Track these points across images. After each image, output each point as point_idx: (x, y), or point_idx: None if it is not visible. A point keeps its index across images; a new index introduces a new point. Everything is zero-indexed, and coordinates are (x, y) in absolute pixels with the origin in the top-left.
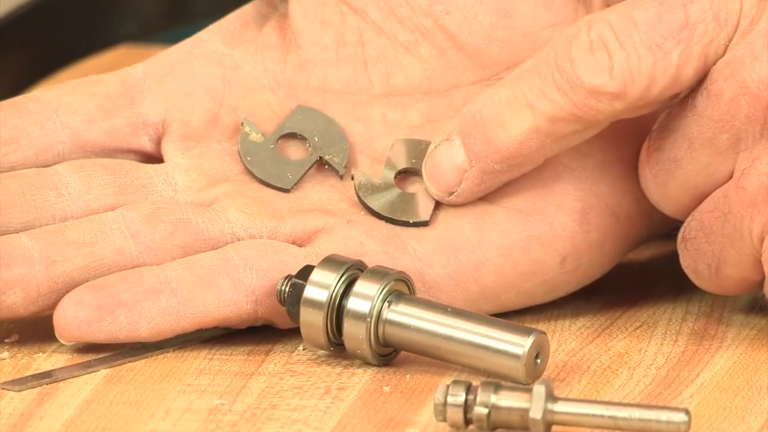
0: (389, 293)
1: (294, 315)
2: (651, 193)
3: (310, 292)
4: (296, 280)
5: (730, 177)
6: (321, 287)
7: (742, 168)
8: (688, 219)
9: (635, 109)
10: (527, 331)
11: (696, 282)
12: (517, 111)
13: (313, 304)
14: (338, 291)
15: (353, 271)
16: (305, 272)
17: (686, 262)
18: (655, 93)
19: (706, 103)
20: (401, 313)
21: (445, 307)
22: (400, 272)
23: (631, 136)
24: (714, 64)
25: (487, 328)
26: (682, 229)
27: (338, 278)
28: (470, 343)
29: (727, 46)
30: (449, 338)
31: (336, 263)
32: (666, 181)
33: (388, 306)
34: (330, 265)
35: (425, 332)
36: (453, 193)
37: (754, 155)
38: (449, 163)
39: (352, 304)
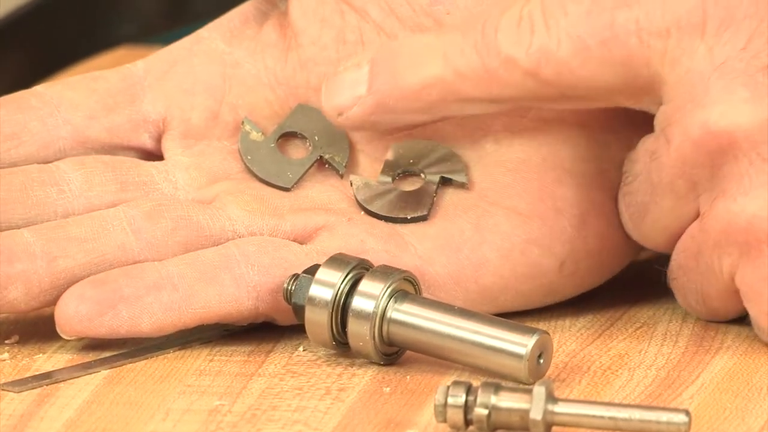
0: (394, 292)
1: (299, 310)
2: (631, 232)
3: (315, 290)
4: (304, 275)
5: (697, 217)
6: (326, 285)
7: (703, 210)
8: (671, 259)
9: (552, 99)
10: (530, 331)
11: (693, 313)
12: (431, 57)
13: (318, 302)
14: (343, 290)
15: (359, 270)
16: (313, 269)
17: (679, 297)
18: (571, 82)
19: (663, 148)
20: (405, 313)
21: (449, 306)
22: (406, 272)
23: (632, 143)
24: (638, 87)
25: (491, 328)
26: (668, 269)
27: (343, 277)
28: (473, 343)
29: (652, 72)
30: (452, 337)
31: (341, 262)
32: (639, 223)
33: (393, 305)
34: (335, 263)
35: (429, 331)
36: (342, 114)
37: (712, 197)
38: (350, 83)
39: (357, 302)
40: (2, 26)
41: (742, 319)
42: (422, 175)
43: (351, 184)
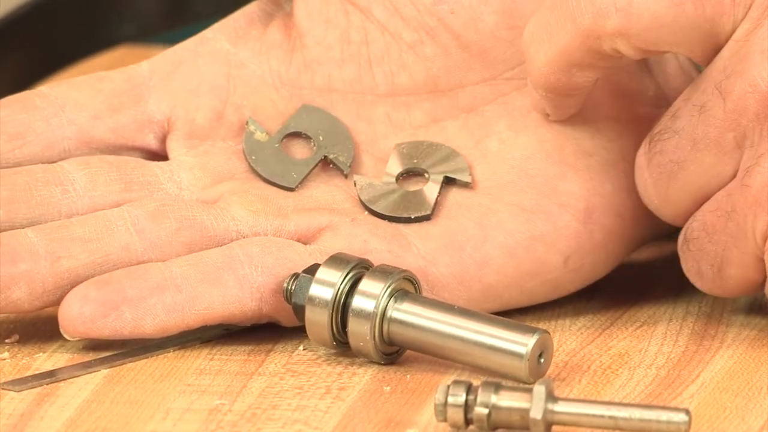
0: (394, 292)
1: (299, 310)
2: (651, 198)
3: (315, 290)
4: (304, 274)
5: (734, 177)
6: (326, 285)
7: (747, 166)
8: (690, 220)
9: (639, 49)
10: (531, 330)
11: (698, 284)
12: (538, 45)
13: (319, 302)
14: (343, 289)
15: (359, 269)
16: (313, 269)
17: (688, 264)
18: (657, 36)
19: (715, 101)
20: (405, 312)
21: (450, 306)
22: (406, 271)
23: (636, 136)
24: (718, 43)
25: (491, 327)
26: (683, 231)
27: (343, 276)
28: (474, 342)
29: (734, 29)
30: (453, 337)
31: (341, 261)
32: (668, 184)
33: (393, 304)
34: (335, 263)
35: (429, 331)
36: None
37: (759, 152)
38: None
39: (357, 302)
40: (2, 26)
41: (742, 318)
42: (426, 175)
43: (355, 184)
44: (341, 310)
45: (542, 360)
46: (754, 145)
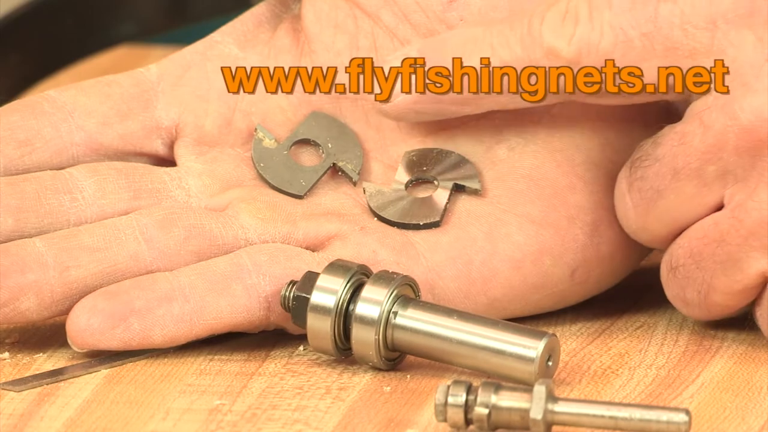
0: (397, 297)
1: (300, 325)
2: (629, 222)
3: (317, 298)
4: (299, 293)
5: (715, 208)
6: (328, 293)
7: (737, 199)
8: (673, 247)
9: (592, 92)
10: (539, 335)
11: (684, 310)
12: (478, 49)
13: (321, 310)
14: (345, 297)
15: (359, 276)
16: (308, 281)
17: (674, 291)
18: (611, 74)
19: (695, 131)
20: (411, 318)
21: (453, 310)
22: (407, 276)
23: None
24: (683, 74)
25: (499, 332)
26: (667, 260)
27: (345, 284)
28: (482, 347)
29: (701, 64)
30: (460, 342)
31: (341, 268)
32: (647, 211)
33: (397, 310)
34: (335, 270)
35: (436, 336)
36: (387, 100)
37: (750, 187)
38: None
39: (361, 309)
40: (2, 26)
41: (742, 318)
42: (435, 182)
43: (364, 191)
44: (344, 317)
45: (550, 363)
46: (739, 180)
